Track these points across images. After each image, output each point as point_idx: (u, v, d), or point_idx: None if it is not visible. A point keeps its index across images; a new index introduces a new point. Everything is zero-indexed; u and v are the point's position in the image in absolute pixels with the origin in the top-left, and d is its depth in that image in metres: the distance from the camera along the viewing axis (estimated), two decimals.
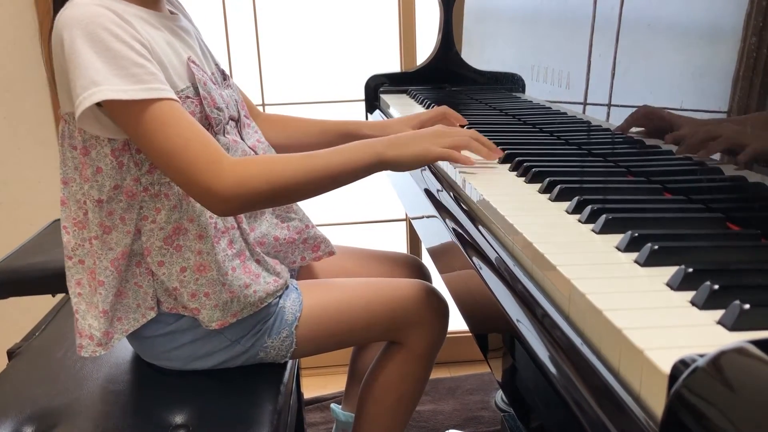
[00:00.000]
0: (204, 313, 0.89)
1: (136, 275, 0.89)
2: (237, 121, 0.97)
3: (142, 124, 0.78)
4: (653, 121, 0.79)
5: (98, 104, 0.78)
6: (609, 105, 0.90)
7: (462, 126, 1.20)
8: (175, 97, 0.80)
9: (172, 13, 0.93)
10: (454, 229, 0.78)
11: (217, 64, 0.98)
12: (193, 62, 0.88)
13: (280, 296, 0.96)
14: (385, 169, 0.87)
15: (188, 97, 0.86)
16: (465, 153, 0.89)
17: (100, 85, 0.75)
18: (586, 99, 0.97)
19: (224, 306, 0.89)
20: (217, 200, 0.79)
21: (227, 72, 1.02)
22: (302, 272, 1.14)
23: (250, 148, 0.97)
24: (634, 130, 0.83)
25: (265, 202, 0.87)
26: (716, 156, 0.66)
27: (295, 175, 0.82)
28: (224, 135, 0.92)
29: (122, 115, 0.78)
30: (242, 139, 0.97)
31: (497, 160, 0.92)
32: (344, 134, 1.16)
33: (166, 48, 0.85)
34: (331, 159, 0.84)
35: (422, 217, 1.05)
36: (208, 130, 0.88)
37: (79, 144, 0.84)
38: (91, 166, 0.84)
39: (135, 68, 0.77)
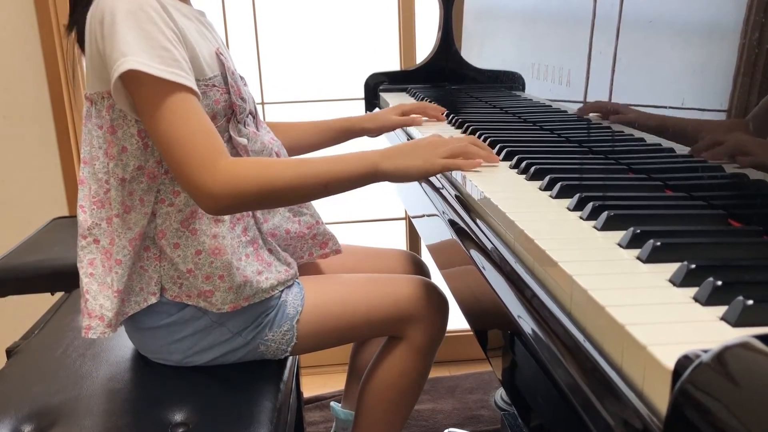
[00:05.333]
0: (218, 295, 0.89)
1: (143, 259, 0.90)
2: (254, 117, 1.00)
3: (153, 104, 0.79)
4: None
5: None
6: (609, 103, 0.90)
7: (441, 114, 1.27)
8: (194, 87, 0.82)
9: (199, 10, 0.96)
10: (454, 227, 0.78)
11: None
12: (221, 53, 0.91)
13: (282, 290, 0.97)
14: (384, 180, 0.86)
15: (215, 86, 0.88)
16: None
17: (127, 55, 0.78)
18: (586, 97, 0.97)
19: (238, 289, 0.90)
20: (208, 197, 0.80)
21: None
22: (303, 268, 1.14)
23: (268, 142, 0.99)
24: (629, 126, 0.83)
25: (254, 204, 0.88)
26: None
27: (287, 180, 0.83)
28: (245, 126, 0.94)
29: (138, 89, 0.80)
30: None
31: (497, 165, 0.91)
32: (343, 130, 1.22)
33: (197, 37, 0.88)
34: (324, 166, 0.84)
35: (423, 216, 1.05)
36: (231, 118, 0.91)
37: (107, 123, 0.86)
38: (117, 145, 0.86)
39: (161, 51, 0.79)
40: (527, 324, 0.54)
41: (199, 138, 0.80)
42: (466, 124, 1.14)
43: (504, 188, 0.77)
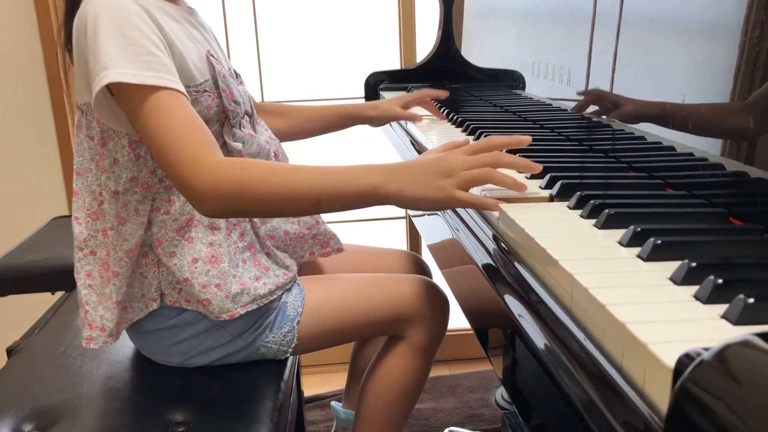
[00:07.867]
0: (215, 304, 0.88)
1: (142, 265, 0.90)
2: (251, 117, 0.99)
3: (140, 110, 0.78)
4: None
5: (111, 94, 0.80)
6: (610, 93, 0.90)
7: (441, 99, 1.27)
8: (182, 89, 0.80)
9: (189, 8, 0.94)
10: (454, 225, 0.78)
11: (229, 66, 0.99)
12: (212, 56, 0.89)
13: (283, 291, 0.96)
14: (386, 203, 0.75)
15: (206, 91, 0.87)
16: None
17: (109, 68, 0.76)
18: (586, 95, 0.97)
19: (235, 297, 0.89)
20: (195, 198, 0.76)
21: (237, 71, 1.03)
22: (303, 268, 1.14)
23: (264, 143, 0.98)
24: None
25: (243, 211, 0.81)
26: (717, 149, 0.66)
27: (273, 189, 0.75)
28: (240, 129, 0.93)
29: (126, 99, 0.79)
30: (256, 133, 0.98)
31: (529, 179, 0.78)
32: (346, 117, 1.22)
33: (186, 41, 0.86)
34: (319, 179, 0.75)
35: (423, 215, 1.05)
36: (225, 122, 0.90)
37: (97, 135, 0.84)
38: (109, 157, 0.84)
39: (148, 56, 0.78)
40: (528, 323, 0.54)
41: (186, 136, 0.77)
42: (467, 123, 1.14)
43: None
